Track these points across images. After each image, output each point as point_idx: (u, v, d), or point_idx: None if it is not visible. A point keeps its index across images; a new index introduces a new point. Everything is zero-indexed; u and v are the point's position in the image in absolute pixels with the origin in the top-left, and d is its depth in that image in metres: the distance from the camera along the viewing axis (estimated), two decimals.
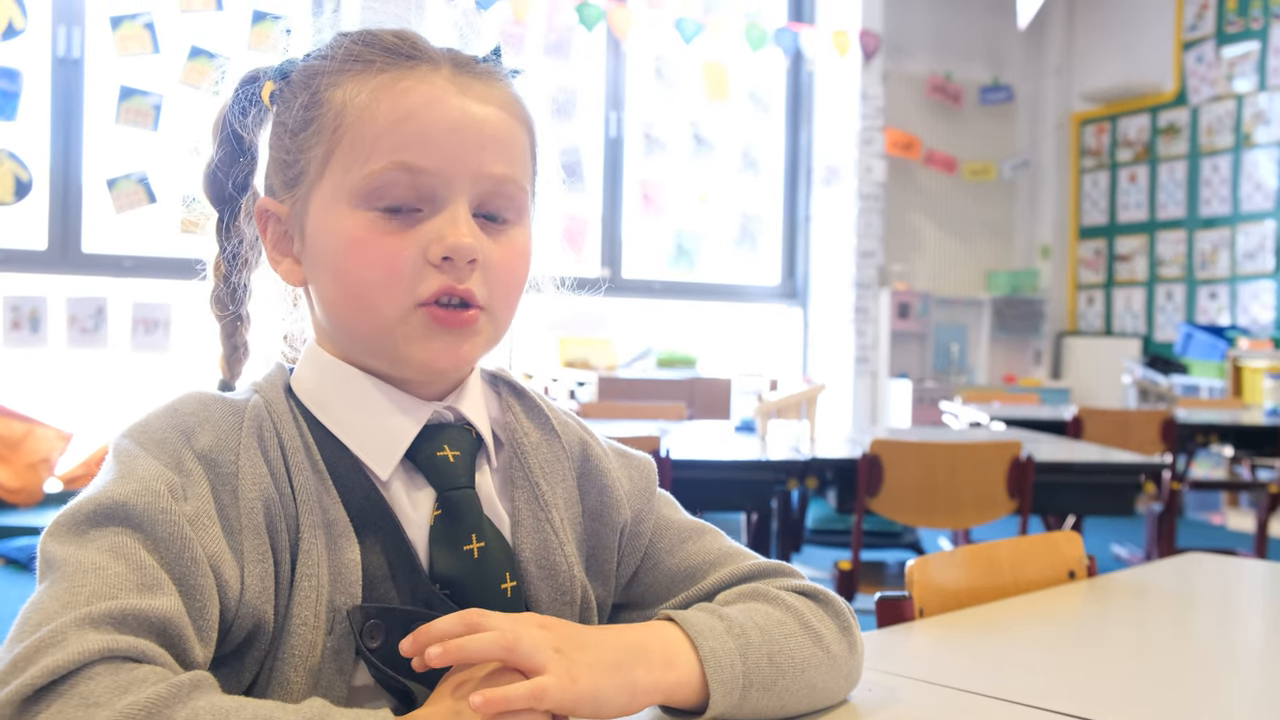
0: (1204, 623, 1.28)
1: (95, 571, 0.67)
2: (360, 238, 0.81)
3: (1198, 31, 7.12)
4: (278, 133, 0.86)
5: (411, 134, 0.80)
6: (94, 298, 5.17)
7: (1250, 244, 6.82)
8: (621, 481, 0.93)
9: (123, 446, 0.77)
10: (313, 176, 0.83)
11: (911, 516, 2.83)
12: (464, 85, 0.83)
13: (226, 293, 0.92)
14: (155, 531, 0.71)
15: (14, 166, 4.94)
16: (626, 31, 6.18)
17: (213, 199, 0.91)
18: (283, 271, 0.88)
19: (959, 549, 1.28)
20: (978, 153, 7.63)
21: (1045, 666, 1.04)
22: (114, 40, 5.05)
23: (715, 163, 6.76)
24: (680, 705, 0.79)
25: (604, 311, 6.72)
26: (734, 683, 0.79)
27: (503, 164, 0.83)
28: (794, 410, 3.34)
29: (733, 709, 0.80)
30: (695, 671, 0.79)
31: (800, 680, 0.83)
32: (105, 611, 0.65)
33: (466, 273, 0.81)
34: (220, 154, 0.90)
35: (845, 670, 0.87)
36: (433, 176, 0.80)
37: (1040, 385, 7.25)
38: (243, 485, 0.77)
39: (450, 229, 0.80)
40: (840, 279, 6.96)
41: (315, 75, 0.85)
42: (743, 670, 0.80)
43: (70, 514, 0.72)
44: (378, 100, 0.81)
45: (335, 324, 0.85)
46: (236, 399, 0.83)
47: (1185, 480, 4.69)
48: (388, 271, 0.80)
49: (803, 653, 0.84)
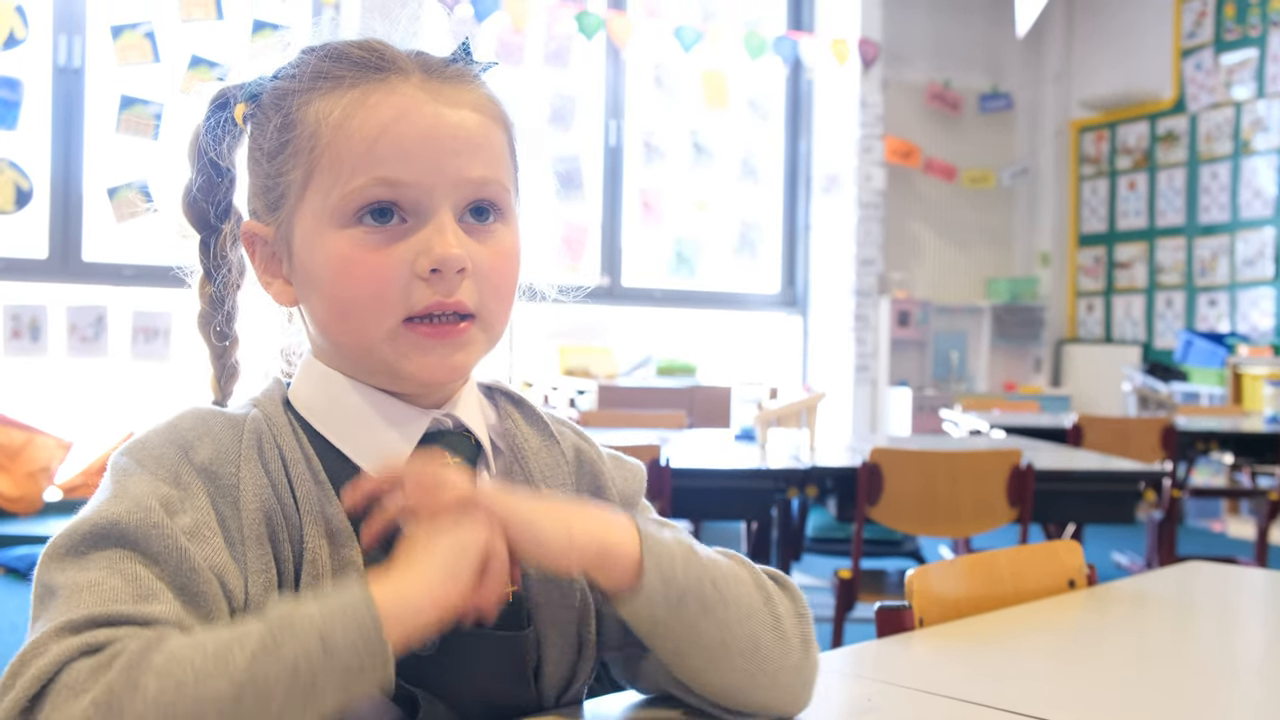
0: (1205, 631, 1.27)
1: (91, 589, 0.68)
2: (346, 256, 0.81)
3: (1196, 39, 7.13)
4: (255, 156, 0.86)
5: (388, 149, 0.80)
6: (94, 306, 5.17)
7: (1250, 251, 6.82)
8: (616, 482, 0.94)
9: (119, 465, 0.77)
10: (294, 199, 0.83)
11: (911, 525, 2.83)
12: (435, 91, 0.83)
13: (214, 315, 0.92)
14: (150, 547, 0.72)
15: (14, 175, 4.95)
16: (626, 40, 6.19)
17: (194, 222, 0.91)
18: (274, 293, 0.88)
19: (959, 558, 1.28)
20: (977, 160, 7.64)
21: (1046, 676, 1.04)
22: (114, 49, 5.05)
23: (715, 171, 6.77)
24: (614, 581, 0.78)
25: (604, 320, 6.73)
26: (670, 574, 0.78)
27: (481, 167, 0.83)
28: (794, 418, 3.34)
29: (668, 610, 0.78)
30: (633, 546, 0.78)
31: (744, 626, 0.80)
32: (88, 617, 0.66)
33: (456, 283, 0.81)
34: (198, 177, 0.90)
35: (794, 652, 0.83)
36: (413, 188, 0.80)
37: (1040, 393, 7.24)
38: (244, 496, 0.78)
39: (437, 240, 0.80)
40: (840, 287, 6.96)
41: (286, 96, 0.84)
42: (681, 571, 0.79)
43: (65, 538, 0.72)
44: (350, 117, 0.81)
45: (329, 341, 0.86)
46: (235, 413, 0.83)
47: (1186, 488, 4.68)
48: (376, 289, 0.80)
49: (750, 601, 0.82)
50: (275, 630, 0.65)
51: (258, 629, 0.65)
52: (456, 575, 0.72)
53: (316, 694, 0.65)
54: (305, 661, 0.64)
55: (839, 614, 2.79)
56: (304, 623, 0.66)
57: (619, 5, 6.45)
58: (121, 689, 0.61)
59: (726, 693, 0.82)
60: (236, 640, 0.64)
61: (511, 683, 0.84)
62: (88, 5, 5.24)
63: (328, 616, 0.66)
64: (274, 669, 0.64)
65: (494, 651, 0.83)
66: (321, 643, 0.65)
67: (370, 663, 0.66)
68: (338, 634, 0.65)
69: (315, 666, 0.65)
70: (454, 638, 0.80)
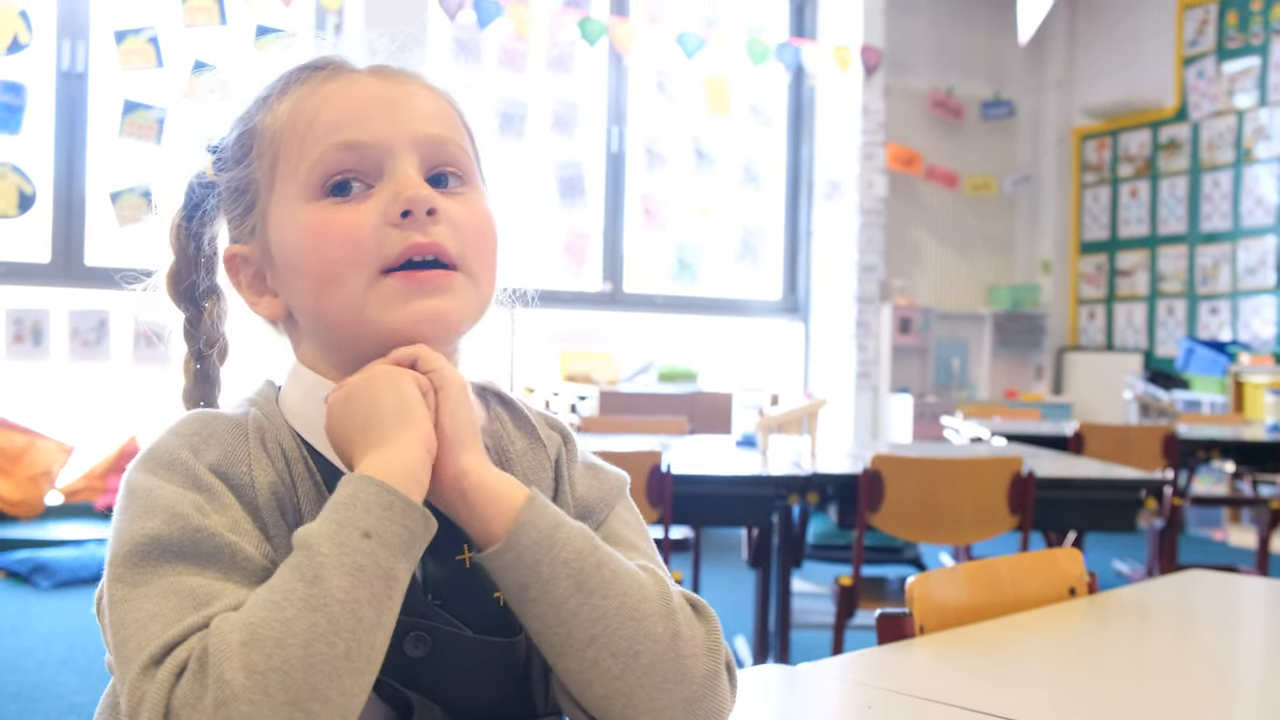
0: (1205, 640, 1.27)
1: (155, 619, 0.69)
2: (317, 222, 0.81)
3: (1198, 47, 7.14)
4: (225, 180, 0.87)
5: (343, 115, 0.82)
6: (96, 310, 5.18)
7: (1251, 259, 6.82)
8: (577, 487, 0.91)
9: (135, 480, 0.76)
10: (264, 192, 0.84)
11: (912, 532, 2.83)
12: (387, 77, 0.85)
13: (197, 390, 0.92)
14: (199, 552, 0.72)
15: (18, 179, 4.95)
16: (628, 46, 6.20)
17: (177, 301, 0.91)
18: (263, 309, 0.87)
19: (960, 565, 1.28)
20: (979, 168, 7.65)
21: (1046, 684, 1.04)
22: (118, 54, 5.06)
23: (717, 177, 6.77)
24: (484, 526, 0.76)
25: (605, 325, 6.73)
26: (549, 539, 0.75)
27: (438, 126, 0.84)
28: (795, 425, 3.34)
29: (537, 579, 0.74)
30: (518, 499, 0.76)
31: (626, 626, 0.75)
32: (163, 645, 0.67)
33: (428, 224, 0.80)
34: (180, 259, 0.90)
35: (692, 684, 0.77)
36: (372, 147, 0.81)
37: (1041, 400, 7.24)
38: (260, 494, 0.78)
39: (403, 184, 0.81)
40: (841, 294, 6.96)
41: (246, 119, 0.87)
42: (563, 540, 0.75)
43: (112, 568, 0.72)
44: (303, 102, 0.83)
45: (314, 324, 0.85)
46: (235, 413, 0.83)
47: (1187, 496, 4.68)
48: (348, 243, 0.80)
49: (643, 606, 0.76)
50: (310, 553, 0.68)
51: (294, 560, 0.68)
52: (418, 421, 0.75)
53: (387, 577, 0.69)
54: (362, 558, 0.68)
55: (839, 621, 2.79)
56: (336, 531, 0.69)
57: (622, 11, 6.46)
58: (227, 678, 0.63)
59: (599, 705, 0.77)
60: (285, 579, 0.67)
61: (505, 688, 0.84)
62: (91, 10, 5.26)
63: (347, 515, 0.69)
64: (340, 580, 0.67)
65: (487, 656, 0.83)
66: (365, 536, 0.69)
67: (411, 524, 0.71)
68: (370, 519, 0.69)
69: (369, 559, 0.68)
70: (448, 642, 0.80)
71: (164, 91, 5.15)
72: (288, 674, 0.63)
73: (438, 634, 0.80)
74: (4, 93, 4.94)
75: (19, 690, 3.14)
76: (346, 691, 0.65)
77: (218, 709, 0.62)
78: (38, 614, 3.92)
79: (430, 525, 0.72)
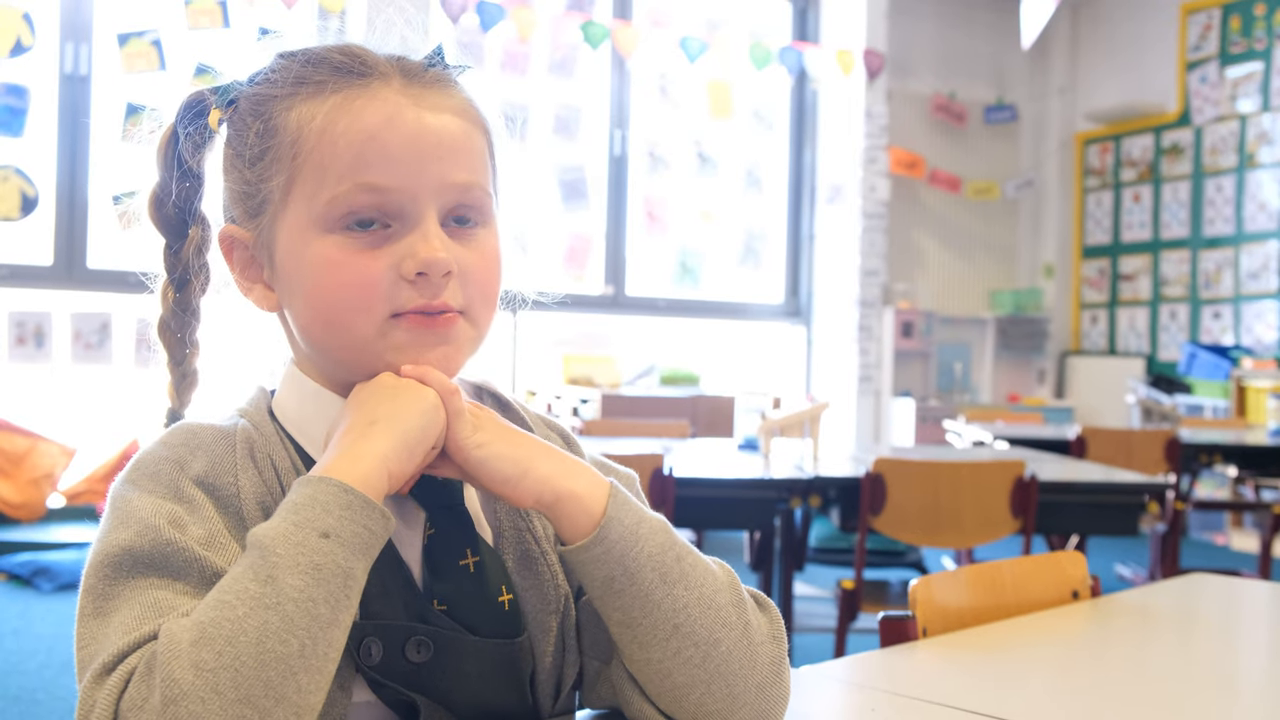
0: (1207, 644, 1.27)
1: (117, 629, 0.69)
2: (331, 260, 0.80)
3: (1201, 52, 7.14)
4: (234, 163, 0.85)
5: (372, 154, 0.80)
6: (99, 313, 5.18)
7: (1254, 264, 6.82)
8: None
9: (117, 491, 0.77)
10: (276, 205, 0.83)
11: (915, 535, 2.83)
12: (417, 96, 0.82)
13: (177, 321, 0.90)
14: (169, 564, 0.73)
15: (20, 182, 4.96)
16: (631, 50, 6.20)
17: (159, 225, 0.90)
18: (255, 298, 0.87)
19: (962, 569, 1.28)
20: (981, 172, 7.65)
21: (1048, 687, 1.04)
22: (121, 57, 5.07)
23: (719, 181, 6.77)
24: (572, 526, 0.78)
25: (608, 329, 6.73)
26: (634, 533, 0.78)
27: (465, 171, 0.83)
28: (797, 428, 3.34)
29: (624, 571, 0.77)
30: (600, 496, 0.79)
31: (705, 616, 0.78)
32: (116, 653, 0.67)
33: (441, 286, 0.81)
34: (166, 179, 0.89)
35: (761, 670, 0.80)
36: (397, 193, 0.80)
37: (1044, 404, 7.24)
38: (245, 505, 0.78)
39: (423, 245, 0.80)
40: (844, 297, 6.96)
41: (265, 101, 0.84)
42: (647, 534, 0.79)
43: (85, 578, 0.73)
44: (334, 123, 0.80)
45: (314, 348, 0.85)
46: (223, 425, 0.83)
47: (1189, 500, 4.67)
48: (361, 290, 0.80)
49: (719, 598, 0.80)
50: (264, 553, 0.68)
51: (247, 560, 0.68)
52: (411, 450, 0.76)
53: (345, 576, 0.69)
54: (319, 557, 0.68)
55: (842, 624, 2.79)
56: (287, 531, 0.69)
57: (624, 15, 6.46)
58: (175, 676, 0.63)
59: (678, 694, 0.79)
60: (238, 580, 0.67)
61: (508, 690, 0.84)
62: (95, 13, 5.26)
63: (305, 516, 0.70)
64: (295, 579, 0.67)
65: (491, 659, 0.83)
66: (319, 535, 0.69)
67: (371, 523, 0.71)
68: (330, 519, 0.70)
69: (327, 558, 0.68)
70: (451, 646, 0.81)
71: (167, 94, 5.14)
72: (239, 671, 0.63)
73: (440, 638, 0.80)
74: (7, 95, 4.95)
75: (20, 693, 3.14)
76: (303, 689, 0.65)
77: (165, 708, 0.62)
78: (39, 617, 3.92)
79: (390, 523, 0.73)
